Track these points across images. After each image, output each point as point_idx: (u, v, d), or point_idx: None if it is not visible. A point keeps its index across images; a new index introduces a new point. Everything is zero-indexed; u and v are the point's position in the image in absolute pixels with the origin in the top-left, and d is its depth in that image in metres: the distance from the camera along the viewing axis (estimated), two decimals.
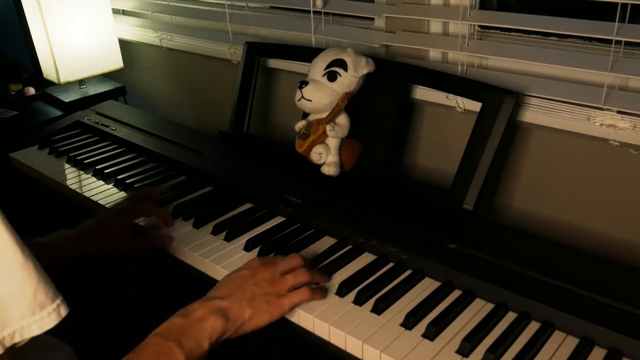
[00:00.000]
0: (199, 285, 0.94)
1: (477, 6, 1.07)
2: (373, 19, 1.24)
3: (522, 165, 1.07)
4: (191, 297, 0.77)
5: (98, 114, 1.54)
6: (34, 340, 0.50)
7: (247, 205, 1.09)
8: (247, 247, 0.95)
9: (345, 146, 1.10)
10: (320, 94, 1.05)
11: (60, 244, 0.95)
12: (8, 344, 0.47)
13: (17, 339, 0.48)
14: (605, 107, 0.93)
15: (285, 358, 0.92)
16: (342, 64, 1.05)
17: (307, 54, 1.17)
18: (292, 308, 0.80)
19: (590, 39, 0.98)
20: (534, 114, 1.01)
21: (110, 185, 1.20)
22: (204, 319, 0.72)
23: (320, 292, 0.83)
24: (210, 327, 0.72)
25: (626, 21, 0.90)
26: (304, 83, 1.07)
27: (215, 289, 0.79)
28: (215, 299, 0.76)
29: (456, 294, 0.83)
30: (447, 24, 1.12)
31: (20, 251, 0.48)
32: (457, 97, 1.07)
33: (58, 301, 0.50)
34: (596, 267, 0.85)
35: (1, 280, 0.47)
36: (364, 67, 1.06)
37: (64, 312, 0.50)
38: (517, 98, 0.96)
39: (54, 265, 0.89)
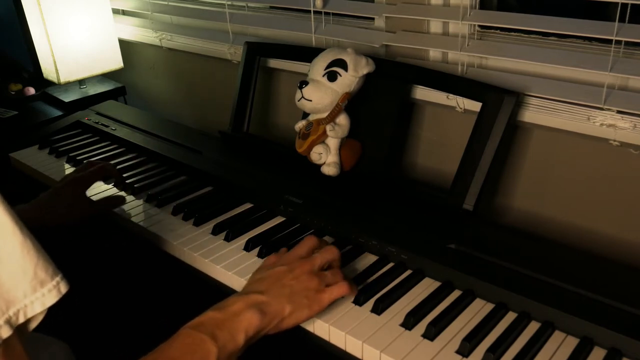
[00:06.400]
0: (199, 285, 0.94)
1: (477, 6, 1.07)
2: (373, 19, 1.24)
3: (522, 165, 1.07)
4: (190, 297, 0.77)
5: (98, 114, 1.54)
6: (32, 336, 0.50)
7: (247, 205, 1.09)
8: (247, 247, 0.95)
9: (345, 146, 1.10)
10: (320, 94, 1.05)
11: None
12: (14, 324, 0.48)
13: (21, 319, 0.48)
14: (605, 107, 0.93)
15: (284, 358, 0.92)
16: (342, 64, 1.05)
17: (307, 54, 1.17)
18: (330, 303, 0.78)
19: (590, 39, 0.98)
20: (534, 114, 1.00)
21: (110, 185, 1.19)
22: (240, 313, 0.70)
23: (355, 286, 0.82)
24: (246, 322, 0.70)
25: (626, 21, 0.90)
26: (304, 83, 1.07)
27: (253, 284, 0.77)
28: (253, 293, 0.74)
29: (456, 294, 0.83)
30: (447, 24, 1.12)
31: (19, 230, 0.48)
32: (457, 97, 1.07)
33: (58, 278, 0.50)
34: (596, 267, 0.85)
35: (3, 259, 0.47)
36: (364, 67, 1.06)
37: (64, 288, 0.50)
38: (517, 98, 0.96)
39: None
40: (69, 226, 1.03)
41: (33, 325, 0.50)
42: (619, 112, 0.92)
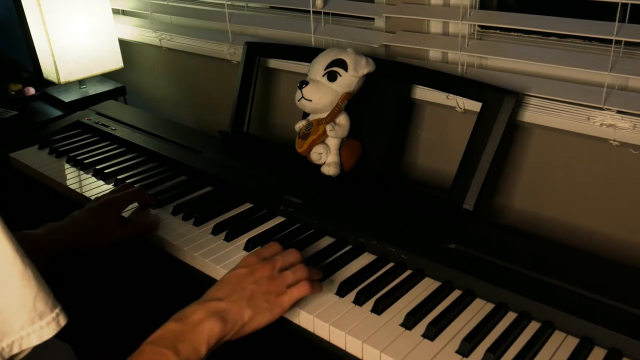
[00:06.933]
0: (199, 285, 0.94)
1: (477, 6, 1.07)
2: (373, 19, 1.24)
3: (522, 165, 1.07)
4: (191, 297, 0.77)
5: (98, 114, 1.54)
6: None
7: (247, 205, 1.09)
8: (247, 247, 0.95)
9: (345, 146, 1.10)
10: (320, 94, 1.05)
11: (51, 236, 0.93)
12: (7, 355, 0.46)
13: (15, 350, 0.47)
14: (605, 107, 0.93)
15: (285, 358, 0.92)
16: (342, 64, 1.05)
17: (307, 54, 1.17)
18: (292, 305, 0.78)
19: (590, 39, 0.98)
20: (534, 114, 1.01)
21: (111, 185, 1.20)
22: (201, 323, 0.69)
23: (318, 284, 0.82)
24: (207, 331, 0.69)
25: (626, 21, 0.90)
26: (304, 83, 1.07)
27: (213, 290, 0.76)
28: (212, 301, 0.73)
29: (456, 294, 0.83)
30: (447, 24, 1.12)
31: (20, 259, 0.46)
32: (457, 97, 1.07)
33: (57, 310, 0.49)
34: (596, 267, 0.85)
35: (1, 289, 0.46)
36: (364, 67, 1.06)
37: (62, 321, 0.49)
38: (517, 98, 0.96)
39: (45, 256, 0.89)
40: (100, 249, 0.98)
41: (21, 356, 0.48)
42: (618, 112, 0.92)
